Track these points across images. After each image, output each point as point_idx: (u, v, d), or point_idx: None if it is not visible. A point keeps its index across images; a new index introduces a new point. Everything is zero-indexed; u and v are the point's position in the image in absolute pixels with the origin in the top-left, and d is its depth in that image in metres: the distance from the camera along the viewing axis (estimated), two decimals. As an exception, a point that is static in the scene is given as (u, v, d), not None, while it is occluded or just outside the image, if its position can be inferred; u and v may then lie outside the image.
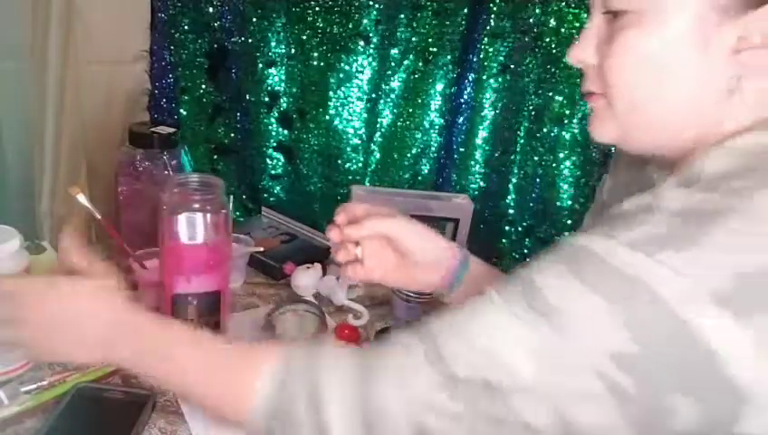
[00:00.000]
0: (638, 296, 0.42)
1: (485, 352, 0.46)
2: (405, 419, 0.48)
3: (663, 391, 0.43)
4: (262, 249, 1.10)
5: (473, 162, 1.25)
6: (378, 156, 1.29)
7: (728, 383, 0.42)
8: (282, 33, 1.22)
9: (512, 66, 1.17)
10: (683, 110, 0.52)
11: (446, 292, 0.76)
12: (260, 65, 1.24)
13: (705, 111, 0.51)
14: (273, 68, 1.25)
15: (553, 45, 1.14)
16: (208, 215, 0.82)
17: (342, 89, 1.24)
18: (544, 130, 1.19)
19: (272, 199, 1.36)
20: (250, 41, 1.22)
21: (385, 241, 0.74)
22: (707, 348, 0.41)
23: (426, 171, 1.29)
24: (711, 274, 0.41)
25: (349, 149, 1.29)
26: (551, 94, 1.17)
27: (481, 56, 1.17)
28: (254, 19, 1.21)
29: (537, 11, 1.12)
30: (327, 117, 1.26)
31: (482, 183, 1.26)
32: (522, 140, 1.22)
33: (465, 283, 0.75)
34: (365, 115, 1.26)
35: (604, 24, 0.54)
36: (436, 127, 1.25)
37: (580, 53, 0.55)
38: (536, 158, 1.21)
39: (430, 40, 1.19)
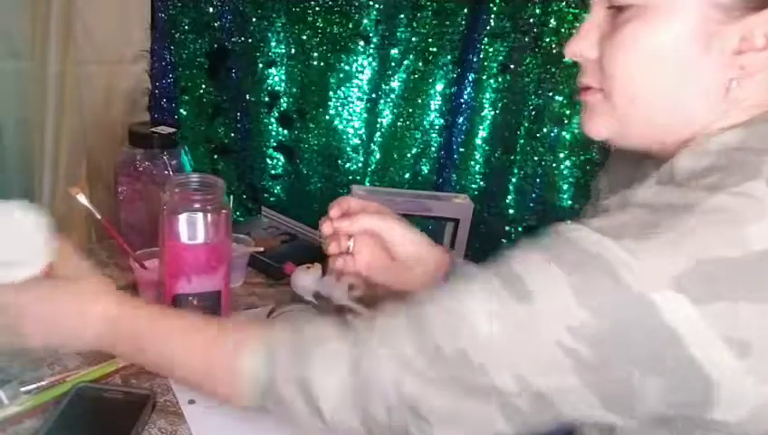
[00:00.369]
0: (598, 271, 0.44)
1: (453, 314, 0.49)
2: (391, 382, 0.50)
3: (624, 365, 0.44)
4: (262, 249, 1.10)
5: (473, 162, 1.25)
6: (378, 156, 1.29)
7: (693, 364, 0.43)
8: (282, 33, 1.22)
9: (512, 66, 1.17)
10: (680, 106, 0.52)
11: None
12: (260, 65, 1.24)
13: (701, 110, 0.52)
14: (273, 68, 1.25)
15: (553, 45, 1.14)
16: (208, 215, 0.82)
17: (342, 89, 1.24)
18: (544, 130, 1.19)
19: (272, 199, 1.36)
20: (250, 41, 1.22)
21: (376, 237, 0.74)
22: (669, 327, 0.42)
23: (426, 171, 1.29)
24: (670, 261, 0.43)
25: (349, 149, 1.29)
26: (551, 94, 1.17)
27: (481, 56, 1.17)
28: (254, 19, 1.21)
29: (537, 11, 1.12)
30: (327, 117, 1.26)
31: (482, 183, 1.26)
32: (522, 140, 1.22)
33: None
34: (365, 115, 1.26)
35: (606, 17, 0.54)
36: (436, 127, 1.25)
37: (580, 46, 0.55)
38: (536, 158, 1.21)
39: (430, 40, 1.19)
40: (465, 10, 1.16)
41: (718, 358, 0.43)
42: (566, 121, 1.17)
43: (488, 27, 1.15)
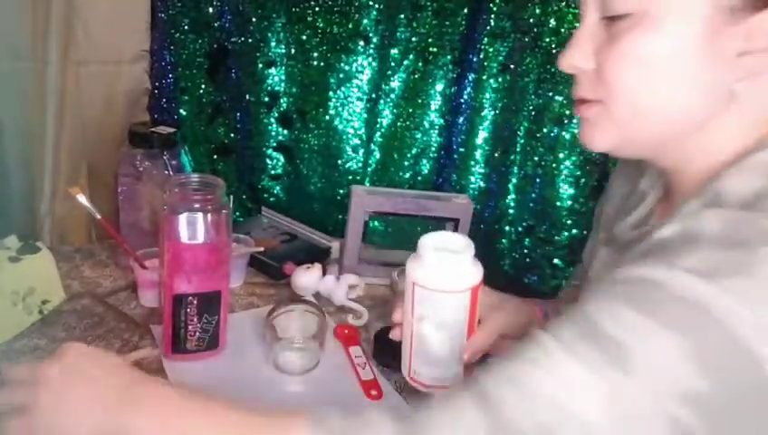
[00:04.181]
0: (704, 324, 0.40)
1: (543, 398, 0.42)
2: None
3: (733, 429, 0.41)
4: (262, 249, 1.10)
5: (473, 162, 1.25)
6: (378, 156, 1.29)
7: None
8: (282, 33, 1.22)
9: (512, 66, 1.17)
10: (685, 114, 0.51)
11: None
12: (260, 65, 1.24)
13: (706, 117, 0.51)
14: (273, 68, 1.25)
15: (553, 45, 1.14)
16: (208, 215, 0.82)
17: (342, 89, 1.24)
18: (544, 130, 1.19)
19: (272, 199, 1.36)
20: (250, 41, 1.22)
21: None
22: None
23: (426, 171, 1.29)
24: None
25: (349, 149, 1.29)
26: (551, 94, 1.17)
27: (481, 56, 1.17)
28: (254, 19, 1.21)
29: (537, 11, 1.12)
30: (327, 117, 1.26)
31: (482, 183, 1.26)
32: (522, 140, 1.22)
33: None
34: (365, 115, 1.26)
35: (600, 28, 0.52)
36: (436, 127, 1.25)
37: (574, 58, 0.54)
38: (536, 158, 1.21)
39: (430, 40, 1.19)
40: (465, 10, 1.16)
41: None
42: (566, 121, 1.17)
43: (488, 27, 1.15)
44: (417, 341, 0.64)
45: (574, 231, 1.21)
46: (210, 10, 1.20)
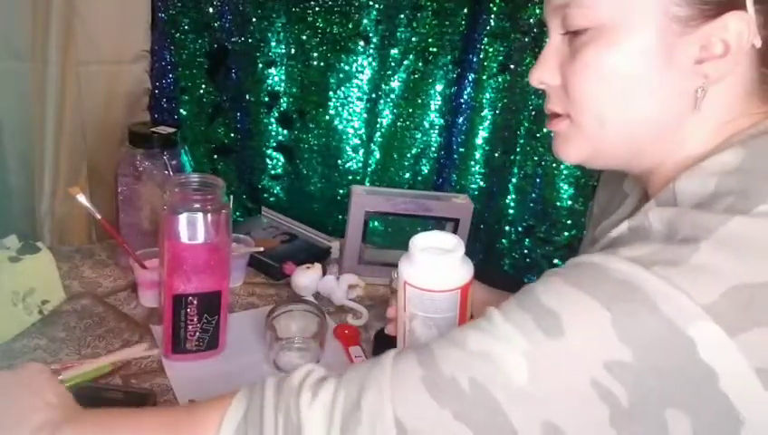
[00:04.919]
0: (634, 302, 0.42)
1: (478, 355, 0.46)
2: (383, 417, 0.46)
3: (657, 404, 0.43)
4: (262, 249, 1.10)
5: (473, 162, 1.25)
6: (378, 156, 1.29)
7: (724, 402, 0.42)
8: (282, 33, 1.22)
9: (512, 66, 1.17)
10: (650, 123, 0.52)
11: None
12: (260, 65, 1.24)
13: (671, 124, 0.52)
14: (273, 68, 1.25)
15: (553, 45, 1.14)
16: (208, 215, 0.82)
17: (342, 89, 1.24)
18: (544, 130, 1.19)
19: (272, 199, 1.36)
20: (250, 41, 1.22)
21: None
22: (703, 362, 0.41)
23: (426, 171, 1.29)
24: (703, 289, 0.41)
25: (349, 149, 1.29)
26: (551, 94, 1.17)
27: (481, 56, 1.17)
28: (254, 19, 1.21)
29: (537, 11, 1.12)
30: (327, 117, 1.27)
31: (482, 183, 1.26)
32: (522, 140, 1.22)
33: None
34: (365, 115, 1.26)
35: (563, 43, 0.53)
36: (436, 127, 1.25)
37: (542, 74, 0.55)
38: (536, 158, 1.21)
39: (430, 40, 1.19)
40: (465, 10, 1.16)
41: (750, 393, 0.41)
42: (566, 121, 1.17)
43: (488, 27, 1.15)
44: (410, 337, 0.66)
45: (574, 231, 1.21)
46: (210, 10, 1.20)
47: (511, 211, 1.27)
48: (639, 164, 0.56)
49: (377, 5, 1.18)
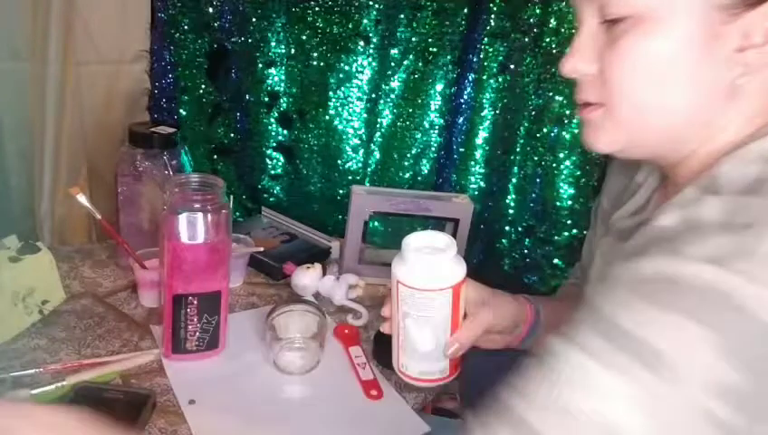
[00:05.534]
0: (725, 313, 0.40)
1: (583, 416, 0.42)
2: None
3: None
4: (262, 249, 1.10)
5: (473, 162, 1.25)
6: (378, 156, 1.29)
7: None
8: (282, 33, 1.22)
9: (512, 66, 1.17)
10: (689, 112, 0.52)
11: (522, 344, 0.76)
12: (260, 65, 1.24)
13: (709, 112, 0.52)
14: (273, 68, 1.25)
15: (553, 45, 1.14)
16: (208, 215, 0.82)
17: (342, 89, 1.24)
18: (544, 130, 1.19)
19: (272, 199, 1.36)
20: (250, 41, 1.22)
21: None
22: None
23: (426, 171, 1.29)
24: None
25: (349, 149, 1.29)
26: (551, 94, 1.17)
27: (481, 56, 1.17)
28: (254, 19, 1.21)
29: (537, 11, 1.12)
30: (327, 117, 1.27)
31: (482, 183, 1.26)
32: (522, 140, 1.22)
33: (541, 330, 0.75)
34: (365, 115, 1.26)
35: (600, 31, 0.53)
36: (436, 127, 1.25)
37: (577, 63, 0.54)
38: (536, 158, 1.21)
39: (430, 40, 1.19)
40: (466, 10, 1.16)
41: None
42: (566, 121, 1.17)
43: (488, 27, 1.15)
44: (404, 336, 0.66)
45: (574, 231, 1.21)
46: (210, 10, 1.20)
47: (511, 211, 1.27)
48: (672, 152, 0.55)
49: (377, 5, 1.18)
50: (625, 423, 0.41)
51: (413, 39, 1.19)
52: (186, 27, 1.21)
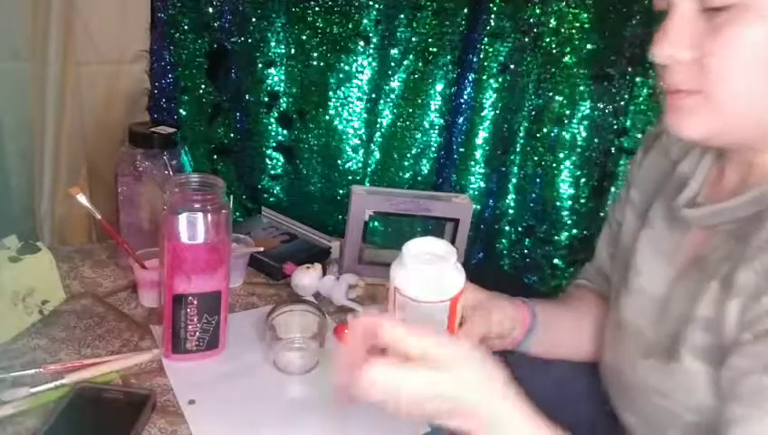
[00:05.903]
0: None
1: None
2: None
3: None
4: (262, 249, 1.10)
5: (473, 162, 1.25)
6: (378, 156, 1.29)
7: None
8: (282, 33, 1.22)
9: (512, 66, 1.17)
10: None
11: (518, 347, 0.76)
12: (260, 65, 1.24)
13: None
14: (273, 68, 1.25)
15: (553, 45, 1.14)
16: (208, 215, 0.82)
17: (342, 89, 1.24)
18: (544, 130, 1.19)
19: (272, 199, 1.36)
20: (250, 41, 1.22)
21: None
22: None
23: (426, 171, 1.29)
24: None
25: (349, 149, 1.29)
26: (551, 94, 1.17)
27: (481, 56, 1.17)
28: (254, 19, 1.21)
29: (537, 11, 1.12)
30: (327, 117, 1.27)
31: (482, 183, 1.26)
32: (522, 140, 1.22)
33: (539, 331, 0.75)
34: (365, 115, 1.26)
35: (698, 18, 0.53)
36: (436, 127, 1.25)
37: (673, 49, 0.54)
38: (536, 158, 1.21)
39: (430, 40, 1.19)
40: (466, 10, 1.16)
41: None
42: (566, 121, 1.17)
43: (488, 27, 1.15)
44: None
45: (574, 231, 1.21)
46: (210, 10, 1.20)
47: (511, 211, 1.27)
48: (762, 139, 0.56)
49: (377, 5, 1.18)
50: None
51: (413, 39, 1.19)
52: (186, 27, 1.21)
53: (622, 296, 0.71)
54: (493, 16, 1.15)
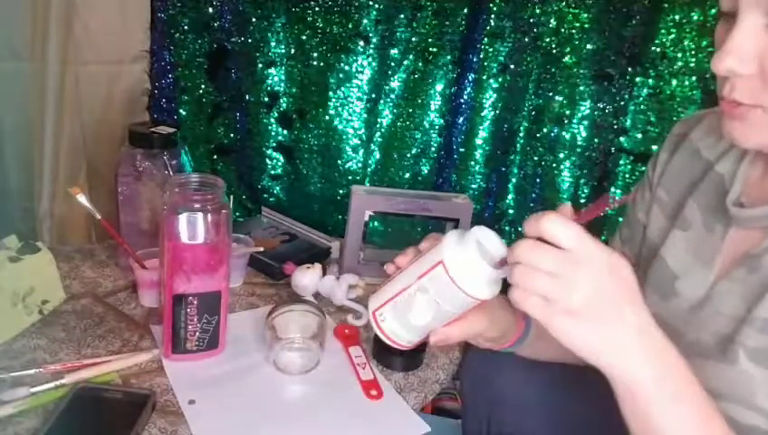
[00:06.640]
0: None
1: None
2: None
3: None
4: (262, 249, 1.10)
5: (473, 162, 1.25)
6: (378, 156, 1.29)
7: None
8: (282, 33, 1.22)
9: (512, 66, 1.17)
10: None
11: (514, 349, 0.76)
12: (260, 65, 1.24)
13: None
14: (272, 68, 1.25)
15: (553, 45, 1.14)
16: (208, 215, 0.82)
17: (342, 89, 1.24)
18: (544, 130, 1.19)
19: (272, 199, 1.36)
20: (250, 41, 1.22)
21: None
22: None
23: (426, 171, 1.29)
24: None
25: (349, 149, 1.29)
26: (551, 94, 1.17)
27: (481, 56, 1.17)
28: (254, 19, 1.21)
29: (537, 11, 1.12)
30: (327, 117, 1.27)
31: (482, 183, 1.26)
32: (522, 140, 1.22)
33: (528, 340, 0.75)
34: (365, 115, 1.26)
35: (764, 33, 0.53)
36: (436, 127, 1.25)
37: (735, 63, 0.54)
38: (536, 158, 1.21)
39: (430, 40, 1.19)
40: (465, 10, 1.16)
41: None
42: (566, 121, 1.17)
43: (488, 27, 1.15)
44: (405, 299, 0.64)
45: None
46: (210, 10, 1.20)
47: (511, 211, 1.27)
48: None
49: (377, 5, 1.18)
50: None
51: (413, 39, 1.19)
52: (186, 27, 1.21)
53: (650, 297, 0.70)
54: (493, 16, 1.15)
